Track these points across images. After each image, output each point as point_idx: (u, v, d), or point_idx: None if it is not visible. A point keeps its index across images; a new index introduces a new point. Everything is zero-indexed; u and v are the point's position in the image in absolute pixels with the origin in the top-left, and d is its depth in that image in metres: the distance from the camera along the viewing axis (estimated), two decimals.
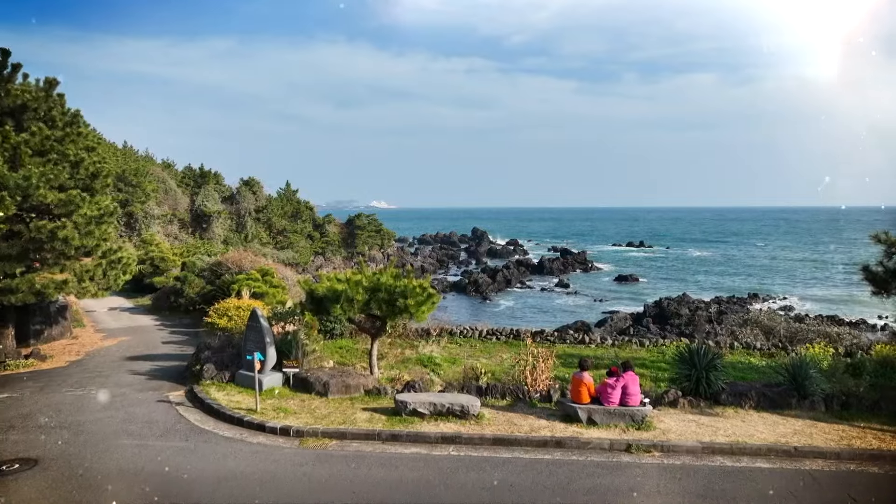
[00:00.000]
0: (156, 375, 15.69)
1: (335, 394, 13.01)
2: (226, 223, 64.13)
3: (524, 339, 19.68)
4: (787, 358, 17.78)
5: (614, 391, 11.32)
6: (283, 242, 67.99)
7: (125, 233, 48.57)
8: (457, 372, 15.76)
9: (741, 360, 17.47)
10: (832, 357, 16.79)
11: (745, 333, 20.12)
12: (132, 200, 48.73)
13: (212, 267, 29.94)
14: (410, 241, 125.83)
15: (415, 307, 12.49)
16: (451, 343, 19.54)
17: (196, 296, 28.88)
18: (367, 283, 12.81)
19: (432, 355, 17.52)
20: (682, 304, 48.68)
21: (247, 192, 67.89)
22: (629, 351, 18.77)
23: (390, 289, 12.65)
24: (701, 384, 12.72)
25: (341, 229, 77.72)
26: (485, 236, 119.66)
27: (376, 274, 13.17)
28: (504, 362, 17.17)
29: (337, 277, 13.03)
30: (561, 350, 18.61)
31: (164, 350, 20.65)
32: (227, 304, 17.76)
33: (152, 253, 36.55)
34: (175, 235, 58.28)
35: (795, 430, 11.36)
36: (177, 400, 13.25)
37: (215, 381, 14.03)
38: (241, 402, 12.80)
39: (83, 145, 19.62)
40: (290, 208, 72.45)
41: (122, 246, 20.78)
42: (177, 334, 24.17)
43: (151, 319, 28.01)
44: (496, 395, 12.98)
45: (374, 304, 12.77)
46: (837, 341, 19.21)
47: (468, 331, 20.41)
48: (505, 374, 15.55)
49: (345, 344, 18.72)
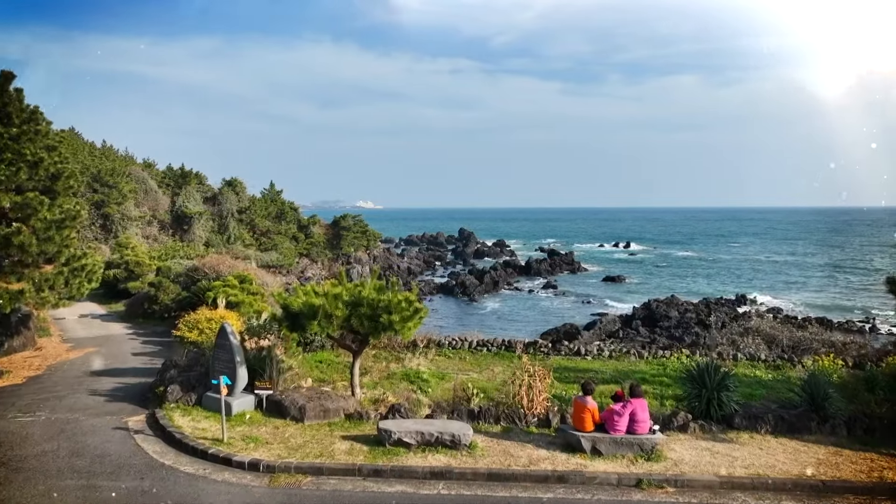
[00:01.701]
0: (117, 396, 14.34)
1: (312, 419, 11.79)
2: (207, 224, 62.53)
3: (516, 350, 18.61)
4: (794, 370, 16.97)
5: (621, 418, 10.21)
6: (266, 244, 66.53)
7: (101, 235, 46.86)
8: (446, 389, 14.61)
9: (746, 374, 16.47)
10: (842, 370, 15.89)
11: (747, 343, 19.19)
12: (108, 201, 47.02)
13: (188, 272, 28.56)
14: (397, 241, 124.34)
15: (400, 324, 11.30)
16: (439, 355, 18.37)
17: (171, 302, 27.50)
18: (348, 296, 11.60)
19: (419, 370, 16.36)
20: (670, 307, 47.89)
21: (229, 192, 66.33)
22: (627, 363, 17.72)
23: (373, 303, 11.44)
24: (712, 406, 11.67)
25: (327, 230, 76.38)
26: (472, 237, 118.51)
27: (358, 286, 11.95)
28: (496, 377, 16.05)
29: (314, 290, 11.81)
30: (556, 363, 17.51)
31: (132, 363, 19.31)
32: (198, 315, 16.46)
33: (127, 257, 34.99)
34: (155, 237, 56.59)
35: (819, 459, 10.33)
36: (136, 427, 11.95)
37: (180, 405, 12.73)
38: (207, 429, 11.53)
39: (43, 144, 18.21)
40: (274, 209, 70.99)
41: (87, 252, 19.38)
42: (149, 344, 22.81)
43: (124, 328, 26.58)
44: (489, 420, 11.83)
45: (355, 321, 11.55)
46: (843, 351, 18.34)
47: (457, 342, 19.26)
48: (497, 391, 14.42)
49: (325, 357, 17.50)
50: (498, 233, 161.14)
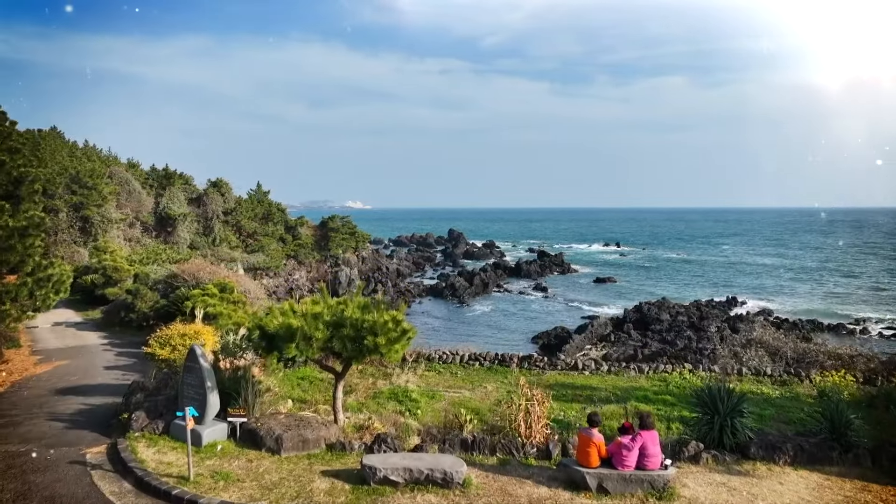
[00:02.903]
0: (79, 421, 13.18)
1: (290, 451, 10.74)
2: (192, 226, 61.22)
3: (510, 365, 17.67)
4: (802, 386, 16.16)
5: (630, 453, 9.27)
6: (253, 246, 65.37)
7: (80, 238, 45.40)
8: (437, 411, 13.64)
9: (753, 390, 15.63)
10: (853, 385, 15.11)
11: (750, 355, 18.36)
12: (87, 203, 45.57)
13: (167, 279, 27.37)
14: (386, 242, 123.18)
15: (386, 346, 10.29)
16: (429, 370, 17.39)
17: (149, 311, 26.31)
18: (329, 316, 10.57)
19: (408, 388, 15.38)
20: (662, 310, 47.35)
21: (214, 193, 65.05)
22: (627, 379, 16.83)
23: (357, 324, 10.42)
24: (725, 433, 10.77)
25: (314, 231, 75.27)
26: (461, 238, 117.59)
27: (341, 304, 10.92)
28: (490, 395, 15.10)
29: (293, 309, 10.77)
30: (552, 379, 16.60)
31: (103, 379, 18.13)
32: (171, 330, 15.33)
33: (105, 262, 33.68)
34: (137, 239, 55.17)
35: (846, 496, 9.44)
36: (95, 460, 10.83)
37: (146, 434, 11.62)
38: (173, 463, 10.44)
39: (6, 146, 17.07)
40: (260, 210, 69.79)
41: (53, 261, 18.18)
42: (124, 356, 21.62)
43: (99, 337, 25.35)
44: (484, 450, 10.83)
45: (337, 343, 10.52)
46: (850, 364, 17.56)
47: (448, 356, 18.26)
48: (492, 412, 13.47)
49: (307, 373, 16.46)
50: (488, 233, 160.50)
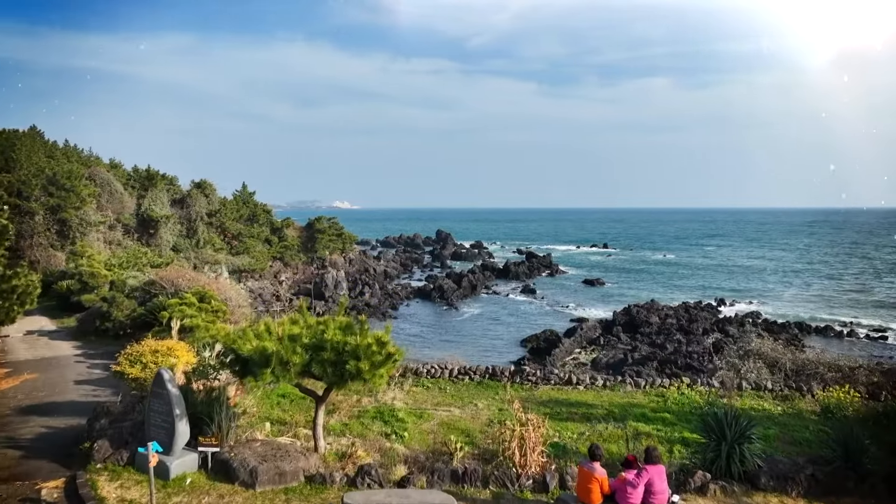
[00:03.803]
0: (39, 448, 12.21)
1: (266, 484, 9.90)
2: (175, 228, 60.03)
3: (501, 379, 16.91)
4: (804, 401, 15.54)
5: (636, 490, 8.52)
6: (238, 247, 64.30)
7: (57, 242, 44.09)
8: (424, 433, 12.85)
9: (754, 406, 14.97)
10: (858, 402, 14.50)
11: (749, 367, 17.76)
12: (65, 206, 44.28)
13: (144, 286, 26.33)
14: (373, 243, 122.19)
15: (369, 372, 9.46)
16: (416, 385, 16.58)
17: (126, 319, 25.30)
18: (308, 338, 9.73)
19: (394, 406, 14.57)
20: (651, 312, 46.97)
21: (198, 195, 63.86)
22: (623, 395, 16.10)
23: (338, 347, 9.58)
24: (732, 461, 10.08)
25: (301, 233, 74.33)
26: (449, 238, 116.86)
27: (321, 324, 10.08)
28: (481, 414, 14.33)
29: (268, 330, 9.92)
30: (545, 394, 15.87)
31: (72, 394, 17.16)
32: (142, 347, 14.37)
33: (81, 267, 32.50)
34: (119, 242, 53.85)
35: None
36: (50, 498, 9.88)
37: (109, 465, 10.69)
38: (136, 501, 9.54)
39: None
40: (246, 211, 68.69)
41: (18, 271, 17.22)
42: (97, 369, 20.64)
43: (73, 347, 24.30)
44: (476, 483, 10.05)
45: (316, 367, 9.68)
46: (851, 377, 16.98)
47: (437, 370, 17.45)
48: (483, 433, 12.73)
49: (288, 390, 15.55)
50: (476, 234, 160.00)
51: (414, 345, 38.33)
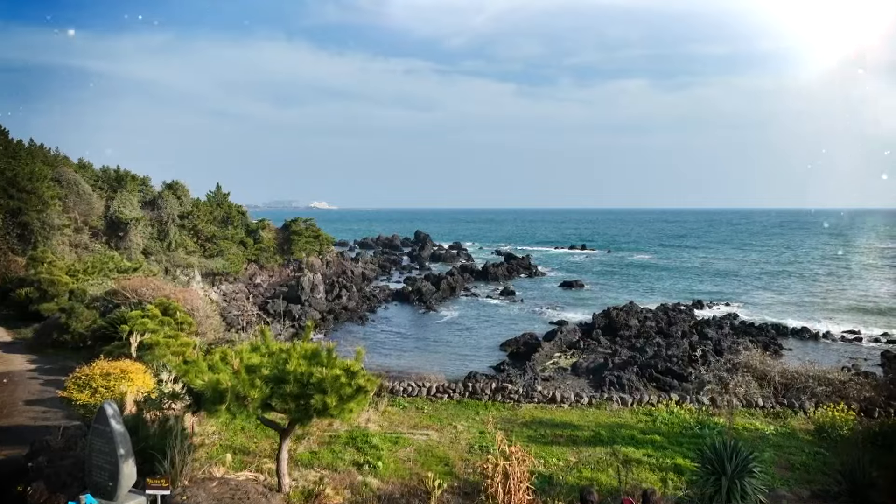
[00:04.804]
0: None
1: None
2: (146, 231, 58.24)
3: (482, 397, 16.08)
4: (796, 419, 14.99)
5: None
6: (211, 250, 62.71)
7: (18, 246, 42.25)
8: (400, 461, 11.96)
9: (746, 425, 14.35)
10: (854, 421, 13.96)
11: (737, 381, 17.17)
12: (26, 209, 42.47)
13: (105, 296, 25.04)
14: (351, 244, 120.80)
15: (337, 407, 8.48)
16: (392, 405, 15.66)
17: (86, 331, 23.99)
18: (269, 369, 8.74)
19: (368, 429, 13.66)
20: (630, 315, 46.56)
21: (170, 196, 62.12)
22: (610, 414, 15.35)
23: (302, 379, 8.63)
24: (733, 497, 9.37)
25: (277, 234, 72.89)
26: (428, 240, 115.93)
27: (284, 353, 9.11)
28: (460, 438, 13.47)
29: (224, 358, 8.92)
30: (528, 414, 15.06)
31: (20, 417, 15.91)
32: (92, 369, 13.21)
33: (41, 274, 30.95)
34: (86, 246, 51.98)
35: None
36: None
37: None
38: None
39: None
40: (220, 213, 67.07)
41: None
42: (52, 386, 19.30)
43: (27, 361, 22.90)
44: None
45: (277, 402, 8.69)
46: (842, 391, 16.49)
47: (414, 388, 16.54)
48: (464, 461, 11.89)
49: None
50: (454, 235, 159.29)
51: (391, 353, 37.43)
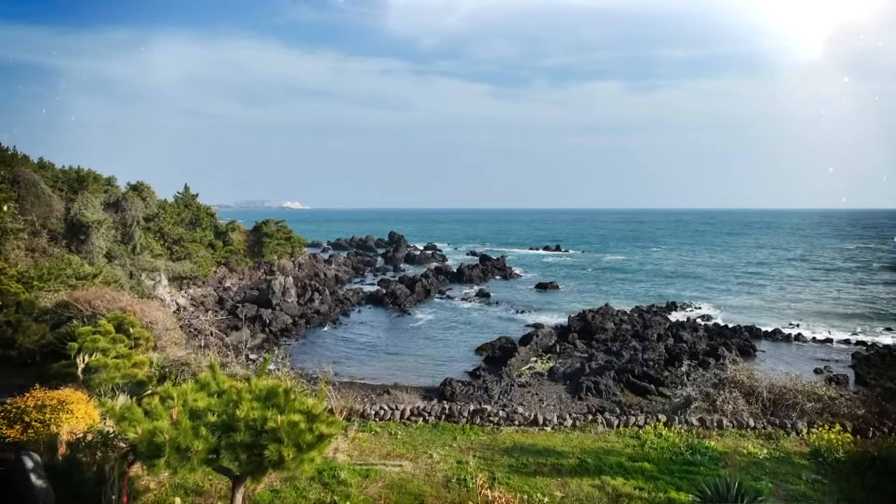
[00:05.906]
0: None
1: None
2: (109, 234, 56.03)
3: (458, 420, 15.08)
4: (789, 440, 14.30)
5: None
6: (179, 253, 60.76)
7: None
8: (370, 499, 10.92)
9: (738, 449, 13.62)
10: (850, 444, 13.33)
11: (725, 397, 16.47)
12: None
13: (56, 308, 23.47)
14: (324, 245, 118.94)
15: (295, 459, 7.29)
16: (363, 430, 14.56)
17: (34, 346, 22.45)
18: (217, 415, 7.53)
19: (336, 460, 12.57)
20: (606, 317, 46.17)
21: (134, 197, 59.92)
22: (595, 437, 14.44)
23: (255, 426, 7.47)
24: None
25: (247, 236, 71.08)
26: (402, 241, 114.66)
27: (236, 392, 7.93)
28: (436, 468, 12.45)
29: (165, 396, 7.71)
30: (508, 439, 14.11)
31: None
32: (26, 400, 11.74)
33: None
34: (44, 250, 49.67)
35: None
36: None
37: None
38: None
39: None
40: (188, 215, 65.06)
41: None
42: None
43: None
44: None
45: (226, 454, 7.52)
46: (832, 407, 15.91)
47: (386, 411, 15.43)
48: (440, 500, 10.89)
49: None
50: (428, 235, 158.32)
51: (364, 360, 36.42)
